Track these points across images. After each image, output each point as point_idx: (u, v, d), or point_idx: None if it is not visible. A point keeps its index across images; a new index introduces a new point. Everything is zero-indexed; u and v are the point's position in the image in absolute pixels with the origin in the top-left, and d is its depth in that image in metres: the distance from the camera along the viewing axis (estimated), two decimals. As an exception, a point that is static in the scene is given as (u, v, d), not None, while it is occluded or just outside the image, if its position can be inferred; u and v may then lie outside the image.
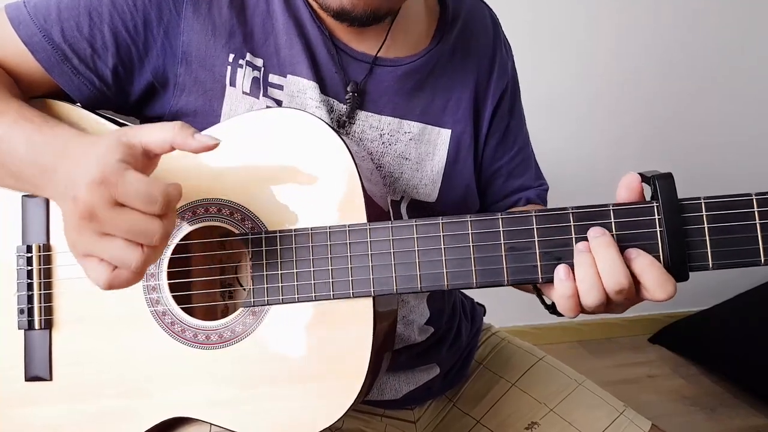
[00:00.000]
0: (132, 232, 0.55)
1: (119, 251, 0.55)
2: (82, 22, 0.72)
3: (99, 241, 0.55)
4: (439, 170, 0.84)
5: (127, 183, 0.55)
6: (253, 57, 0.76)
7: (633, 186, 0.62)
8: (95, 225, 0.55)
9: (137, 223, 0.55)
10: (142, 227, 0.55)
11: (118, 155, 0.56)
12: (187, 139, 0.58)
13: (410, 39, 0.83)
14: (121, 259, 0.56)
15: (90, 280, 0.58)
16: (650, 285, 0.59)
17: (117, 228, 0.55)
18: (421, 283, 0.64)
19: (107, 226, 0.55)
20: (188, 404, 0.69)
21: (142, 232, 0.55)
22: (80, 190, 0.55)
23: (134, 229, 0.55)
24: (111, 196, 0.54)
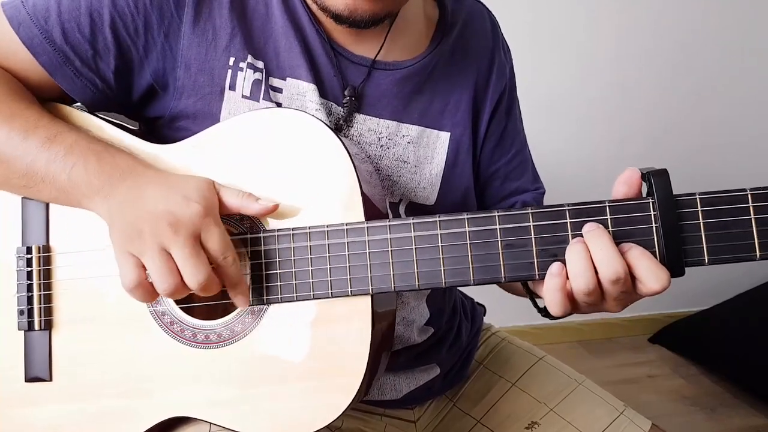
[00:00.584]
0: (190, 265, 0.61)
1: (166, 271, 0.61)
2: (83, 24, 0.72)
3: (158, 251, 0.62)
4: (437, 173, 0.84)
5: (221, 232, 0.64)
6: (255, 59, 0.76)
7: (632, 182, 0.62)
8: (169, 239, 0.61)
9: (197, 260, 0.62)
10: (201, 266, 0.62)
11: (214, 202, 0.65)
12: (252, 204, 0.66)
13: (409, 42, 0.83)
14: (162, 278, 0.62)
15: (120, 274, 0.63)
16: (644, 275, 0.59)
17: (182, 254, 0.61)
18: (419, 280, 0.64)
19: (177, 246, 0.61)
20: (188, 404, 0.69)
21: (197, 269, 0.61)
22: (181, 211, 0.62)
23: (191, 262, 0.61)
24: (198, 230, 0.62)
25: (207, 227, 0.63)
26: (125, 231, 0.63)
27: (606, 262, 0.59)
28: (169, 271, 0.61)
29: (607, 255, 0.59)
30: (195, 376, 0.69)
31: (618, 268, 0.59)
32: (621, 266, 0.59)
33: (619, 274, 0.59)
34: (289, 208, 0.68)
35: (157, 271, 0.62)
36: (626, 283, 0.60)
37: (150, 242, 0.62)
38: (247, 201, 0.66)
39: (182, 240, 0.61)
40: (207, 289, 0.63)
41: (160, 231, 0.62)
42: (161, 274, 0.61)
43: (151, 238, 0.62)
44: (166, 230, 0.61)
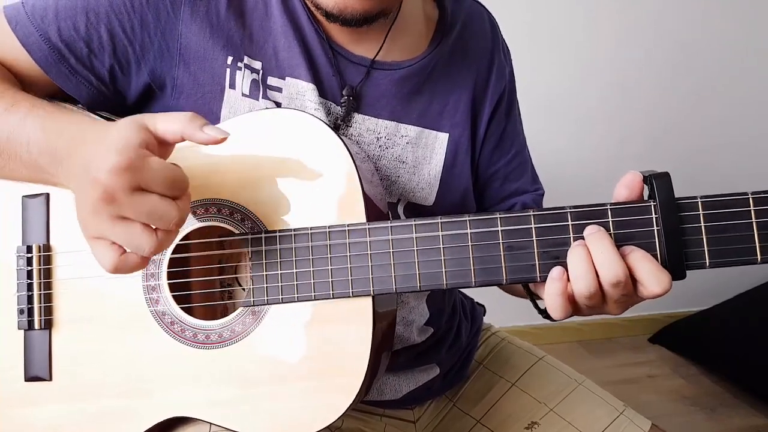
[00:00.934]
0: (151, 217, 0.56)
1: (135, 236, 0.56)
2: (79, 22, 0.73)
3: (115, 224, 0.56)
4: (436, 174, 0.84)
5: (151, 169, 0.56)
6: (251, 60, 0.76)
7: (633, 185, 0.62)
8: (113, 208, 0.55)
9: (157, 208, 0.56)
10: (161, 211, 0.56)
11: (138, 140, 0.57)
12: (196, 132, 0.59)
13: (408, 43, 0.83)
14: (135, 244, 0.57)
15: (97, 261, 0.59)
16: (645, 278, 0.59)
17: (136, 212, 0.56)
18: (420, 282, 0.64)
19: (126, 209, 0.55)
20: (188, 404, 0.69)
21: (160, 216, 0.56)
22: (101, 174, 0.55)
23: (154, 214, 0.56)
24: (134, 181, 0.55)
25: (139, 174, 0.55)
26: (79, 217, 0.59)
27: (607, 265, 0.59)
28: (141, 234, 0.57)
29: (608, 258, 0.59)
30: (195, 376, 0.69)
31: (618, 271, 0.59)
32: (621, 269, 0.59)
33: (619, 277, 0.59)
34: (291, 208, 0.68)
35: (129, 242, 0.57)
36: (627, 286, 0.60)
37: (102, 219, 0.56)
38: (190, 126, 0.59)
39: (125, 201, 0.55)
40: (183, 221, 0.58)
41: (99, 209, 0.56)
42: (133, 242, 0.57)
43: (99, 214, 0.56)
44: (103, 204, 0.55)
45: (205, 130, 0.59)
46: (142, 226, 0.56)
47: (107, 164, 0.55)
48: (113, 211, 0.56)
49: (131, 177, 0.55)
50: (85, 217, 0.57)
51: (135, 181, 0.55)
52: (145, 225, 0.57)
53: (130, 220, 0.56)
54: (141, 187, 0.56)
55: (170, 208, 0.56)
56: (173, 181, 0.57)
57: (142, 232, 0.56)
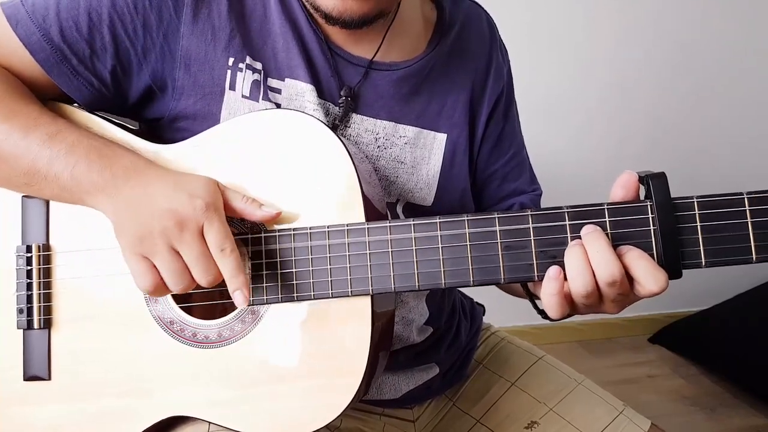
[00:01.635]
0: (197, 263, 0.63)
1: (178, 272, 0.63)
2: (81, 23, 0.72)
3: (168, 252, 0.63)
4: (434, 174, 0.84)
5: (221, 225, 0.64)
6: (253, 60, 0.76)
7: (629, 185, 0.63)
8: (176, 237, 0.63)
9: (206, 260, 0.63)
10: (207, 263, 0.63)
11: (218, 199, 0.65)
12: (255, 212, 0.67)
13: (407, 43, 0.83)
14: (175, 279, 0.64)
15: (135, 278, 0.65)
16: (642, 277, 0.59)
17: (190, 251, 0.63)
18: (419, 281, 0.65)
19: (184, 244, 0.63)
20: (187, 403, 0.69)
21: (204, 267, 0.63)
22: (184, 204, 0.63)
23: (201, 262, 0.63)
24: (200, 227, 0.63)
25: (210, 221, 0.63)
26: (134, 232, 0.64)
27: (603, 265, 0.59)
28: (182, 272, 0.63)
29: (604, 257, 0.59)
30: (195, 375, 0.69)
31: (614, 270, 0.59)
32: (617, 269, 0.59)
33: (615, 276, 0.59)
34: (290, 208, 0.68)
35: (170, 273, 0.63)
36: (623, 285, 0.60)
37: (160, 243, 0.63)
38: (251, 206, 0.67)
39: (189, 239, 0.63)
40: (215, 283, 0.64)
41: (167, 231, 0.63)
42: (174, 275, 0.63)
43: (161, 239, 0.63)
44: (174, 230, 0.63)
45: (263, 210, 0.67)
46: (184, 267, 0.63)
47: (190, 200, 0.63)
48: (174, 241, 0.63)
49: (203, 219, 0.63)
50: (143, 236, 0.64)
51: (201, 226, 0.63)
52: (186, 268, 0.64)
53: (179, 255, 0.63)
54: (203, 234, 0.63)
55: (214, 267, 0.63)
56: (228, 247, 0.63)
57: (183, 269, 0.63)
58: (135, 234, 0.64)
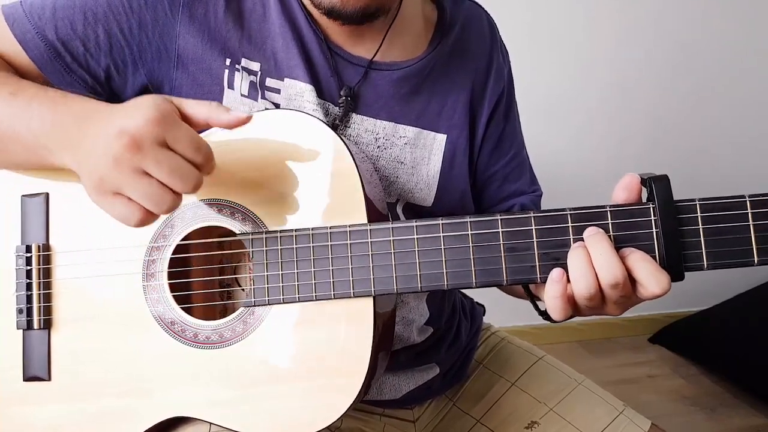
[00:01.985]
0: (172, 174, 0.57)
1: (155, 192, 0.58)
2: (76, 21, 0.73)
3: (135, 178, 0.57)
4: (434, 175, 0.84)
5: (181, 128, 0.58)
6: (249, 62, 0.76)
7: (632, 187, 0.63)
8: (137, 158, 0.56)
9: (180, 166, 0.57)
10: (183, 170, 0.57)
11: (169, 105, 0.59)
12: (222, 114, 0.62)
13: (407, 43, 0.83)
14: (155, 201, 0.58)
15: (116, 217, 0.60)
16: (645, 279, 0.59)
17: (160, 166, 0.57)
18: (421, 283, 0.65)
19: (150, 162, 0.57)
20: (188, 404, 0.69)
21: (181, 175, 0.57)
22: (130, 124, 0.57)
23: (175, 172, 0.57)
24: (162, 135, 0.57)
25: (169, 130, 0.58)
26: (94, 173, 0.59)
27: (606, 267, 0.59)
28: (159, 191, 0.58)
29: (607, 260, 0.59)
30: (195, 375, 0.69)
31: (617, 272, 0.59)
32: (620, 271, 0.59)
33: (618, 278, 0.59)
34: (292, 208, 0.68)
35: (147, 197, 0.58)
36: (625, 287, 0.60)
37: (123, 172, 0.57)
38: (216, 110, 0.62)
39: (153, 155, 0.57)
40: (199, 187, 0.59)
41: (125, 156, 0.56)
42: (153, 197, 0.58)
43: (121, 167, 0.57)
44: (130, 152, 0.56)
45: (231, 112, 0.62)
46: (159, 184, 0.57)
47: (138, 115, 0.57)
48: (136, 163, 0.56)
49: (160, 130, 0.57)
50: (102, 174, 0.58)
51: (163, 135, 0.57)
52: (163, 184, 0.58)
53: (149, 176, 0.57)
54: (168, 145, 0.57)
55: (191, 169, 0.58)
56: (198, 145, 0.58)
57: (160, 187, 0.57)
58: (96, 175, 0.59)
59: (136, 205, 0.58)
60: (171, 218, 0.70)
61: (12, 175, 0.74)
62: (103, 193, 0.59)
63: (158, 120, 0.57)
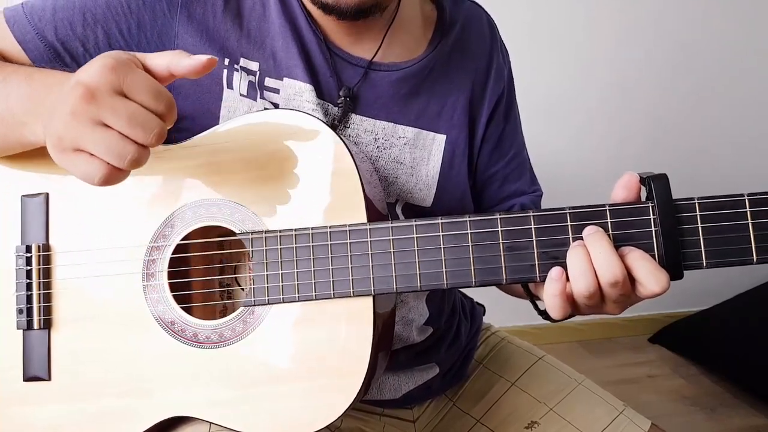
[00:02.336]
0: (131, 123, 0.54)
1: (113, 143, 0.54)
2: (75, 22, 0.73)
3: (93, 130, 0.54)
4: (434, 175, 0.84)
5: (138, 75, 0.55)
6: (248, 61, 0.76)
7: (630, 186, 0.63)
8: (93, 109, 0.54)
9: (138, 114, 0.54)
10: (142, 119, 0.54)
11: (126, 55, 0.57)
12: (182, 59, 0.58)
13: (407, 44, 0.83)
14: (115, 152, 0.54)
15: (79, 176, 0.57)
16: (644, 277, 0.59)
17: (117, 115, 0.54)
18: (421, 282, 0.65)
19: (106, 112, 0.54)
20: (188, 403, 0.69)
21: (141, 123, 0.54)
22: (84, 75, 0.54)
23: (134, 120, 0.54)
24: (117, 82, 0.54)
25: (124, 77, 0.55)
26: (53, 133, 0.57)
27: (605, 266, 0.59)
28: (119, 142, 0.54)
29: (607, 258, 0.59)
30: (195, 375, 0.69)
31: (617, 271, 0.59)
32: (620, 269, 0.59)
33: (617, 277, 0.59)
34: (292, 208, 0.68)
35: (107, 149, 0.54)
36: (625, 286, 0.60)
37: (80, 125, 0.54)
38: (177, 56, 0.58)
39: (109, 103, 0.54)
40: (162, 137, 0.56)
41: (80, 108, 0.54)
42: (113, 150, 0.54)
43: (78, 120, 0.54)
44: (84, 103, 0.54)
45: (193, 57, 0.58)
46: (120, 135, 0.54)
47: (92, 66, 0.54)
48: (93, 114, 0.54)
49: (115, 77, 0.54)
50: (61, 126, 0.55)
51: (119, 83, 0.54)
52: (123, 135, 0.54)
53: (108, 127, 0.54)
54: (124, 93, 0.55)
55: (151, 117, 0.55)
56: (158, 92, 0.55)
57: (120, 139, 0.54)
58: (55, 133, 0.56)
59: (98, 160, 0.55)
60: (171, 218, 0.70)
61: (12, 175, 0.74)
62: (63, 151, 0.56)
63: (113, 67, 0.54)
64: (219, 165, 0.70)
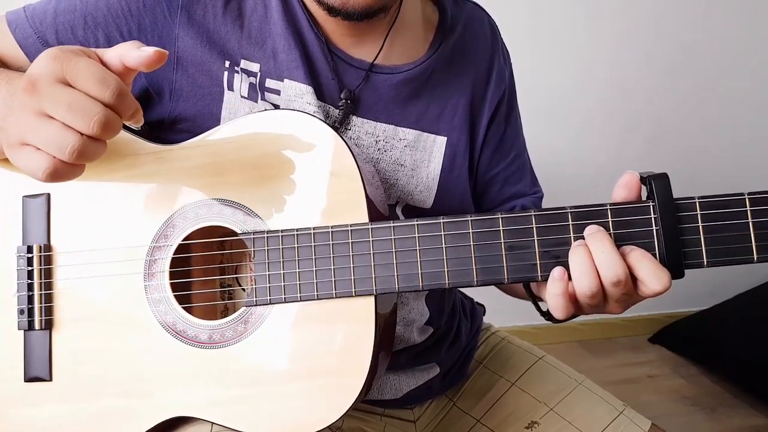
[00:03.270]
0: (71, 110, 0.52)
1: (53, 133, 0.52)
2: (76, 26, 0.73)
3: (36, 122, 0.53)
4: (434, 177, 0.84)
5: (80, 62, 0.53)
6: (249, 63, 0.76)
7: (631, 185, 0.63)
8: (35, 100, 0.53)
9: (79, 100, 0.52)
10: (82, 104, 0.52)
11: (75, 48, 0.55)
12: (132, 51, 0.55)
13: (408, 46, 0.83)
14: (56, 143, 0.52)
15: (27, 172, 0.55)
16: (645, 276, 0.59)
17: (57, 103, 0.52)
18: (423, 281, 0.65)
19: (46, 101, 0.52)
20: (189, 403, 0.69)
21: (81, 109, 0.52)
22: (31, 68, 0.53)
23: (74, 106, 0.52)
24: (60, 72, 0.53)
25: (66, 65, 0.53)
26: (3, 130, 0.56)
27: (607, 265, 0.59)
28: (61, 132, 0.52)
29: (609, 257, 0.59)
30: (196, 375, 0.69)
31: (619, 270, 0.59)
32: (622, 268, 0.59)
33: (619, 276, 0.59)
34: (294, 208, 0.68)
35: (49, 141, 0.53)
36: (627, 284, 0.60)
37: (23, 118, 0.53)
38: (128, 47, 0.55)
39: (49, 91, 0.52)
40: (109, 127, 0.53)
41: (23, 101, 0.53)
42: (54, 141, 0.52)
43: (21, 113, 0.53)
44: (26, 95, 0.53)
45: (142, 48, 0.55)
46: (62, 125, 0.52)
47: (38, 59, 0.53)
48: (34, 105, 0.53)
49: (57, 65, 0.52)
50: (8, 125, 0.55)
51: (61, 71, 0.53)
52: (66, 125, 0.52)
53: (51, 118, 0.53)
54: (67, 82, 0.53)
55: (91, 103, 0.52)
56: (103, 79, 0.53)
57: (61, 128, 0.52)
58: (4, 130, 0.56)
59: (42, 153, 0.53)
60: (172, 218, 0.70)
61: (13, 175, 0.74)
62: (11, 147, 0.55)
63: (55, 56, 0.53)
64: (220, 165, 0.70)
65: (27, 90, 0.52)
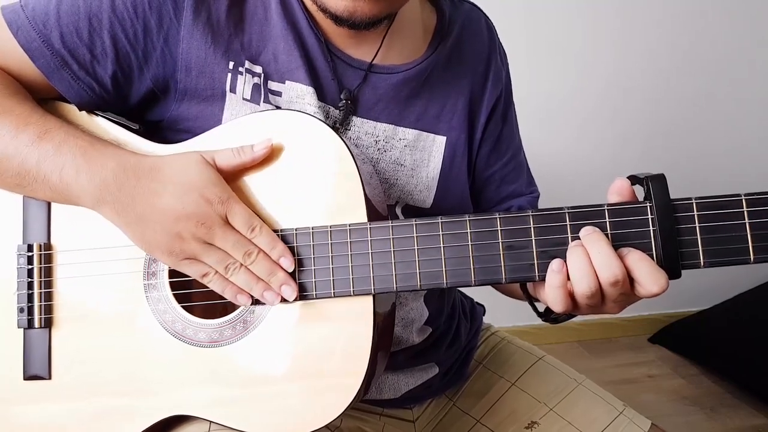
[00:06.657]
0: (235, 248, 0.65)
1: (222, 258, 0.66)
2: (81, 28, 0.72)
3: (204, 249, 0.66)
4: (434, 177, 0.84)
5: (239, 209, 0.66)
6: (252, 65, 0.76)
7: (623, 191, 0.64)
8: (206, 234, 0.65)
9: (240, 242, 0.66)
10: (245, 246, 0.66)
11: (219, 178, 0.67)
12: (248, 155, 0.67)
13: (406, 47, 0.83)
14: (222, 266, 0.66)
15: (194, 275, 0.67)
16: (643, 278, 0.60)
17: (225, 241, 0.65)
18: (421, 281, 0.65)
19: (217, 238, 0.65)
20: (188, 402, 0.69)
21: (242, 248, 0.66)
22: (200, 204, 0.65)
23: (238, 246, 0.65)
24: (224, 215, 0.65)
25: (229, 209, 0.65)
26: (165, 247, 0.66)
27: (605, 266, 0.60)
28: (225, 259, 0.66)
29: (606, 258, 0.60)
30: (196, 374, 0.69)
31: (616, 270, 0.59)
32: (619, 269, 0.59)
33: (617, 276, 0.59)
34: (293, 207, 0.68)
35: (220, 262, 0.66)
36: (624, 285, 0.60)
37: (195, 246, 0.65)
38: (243, 155, 0.68)
39: (220, 232, 0.65)
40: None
41: (197, 234, 0.65)
42: (222, 263, 0.66)
43: (194, 242, 0.65)
44: (201, 230, 0.65)
45: (256, 147, 0.67)
46: (224, 253, 0.66)
47: (197, 195, 0.65)
48: (206, 238, 0.65)
49: (223, 209, 0.65)
50: (174, 246, 0.66)
51: (225, 215, 0.65)
52: (227, 253, 0.66)
53: (216, 247, 0.66)
54: (229, 222, 0.66)
55: (250, 245, 0.66)
56: (254, 224, 0.66)
57: (227, 257, 0.66)
58: (167, 248, 0.66)
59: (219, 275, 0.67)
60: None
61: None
62: (181, 261, 0.67)
63: (222, 201, 0.66)
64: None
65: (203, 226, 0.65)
